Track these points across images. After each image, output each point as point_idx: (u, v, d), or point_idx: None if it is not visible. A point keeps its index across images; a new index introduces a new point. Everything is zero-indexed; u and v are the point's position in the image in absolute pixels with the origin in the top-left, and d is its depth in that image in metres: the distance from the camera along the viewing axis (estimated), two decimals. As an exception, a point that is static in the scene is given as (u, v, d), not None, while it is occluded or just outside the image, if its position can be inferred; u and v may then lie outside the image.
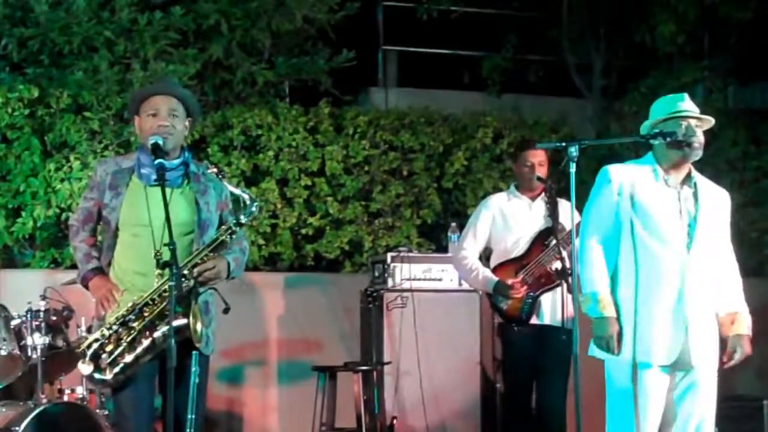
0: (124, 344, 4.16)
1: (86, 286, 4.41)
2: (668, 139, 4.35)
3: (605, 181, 4.45)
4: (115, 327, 4.18)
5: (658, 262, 4.36)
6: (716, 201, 4.51)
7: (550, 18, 9.41)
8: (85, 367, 4.19)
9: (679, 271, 4.34)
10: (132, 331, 4.17)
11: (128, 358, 4.17)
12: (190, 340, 4.16)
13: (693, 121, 4.41)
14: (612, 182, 4.43)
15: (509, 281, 5.75)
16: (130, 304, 4.20)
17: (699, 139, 4.41)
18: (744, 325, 4.47)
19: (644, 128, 4.53)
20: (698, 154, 4.41)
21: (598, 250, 4.41)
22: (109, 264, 4.39)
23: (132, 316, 4.18)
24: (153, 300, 4.19)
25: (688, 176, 4.47)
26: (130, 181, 4.35)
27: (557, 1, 9.26)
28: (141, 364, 4.19)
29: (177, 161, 4.33)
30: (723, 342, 4.50)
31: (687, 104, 4.47)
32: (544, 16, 9.46)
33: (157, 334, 4.16)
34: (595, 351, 4.45)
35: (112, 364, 4.16)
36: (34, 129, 7.13)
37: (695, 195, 4.44)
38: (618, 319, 4.38)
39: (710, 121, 4.47)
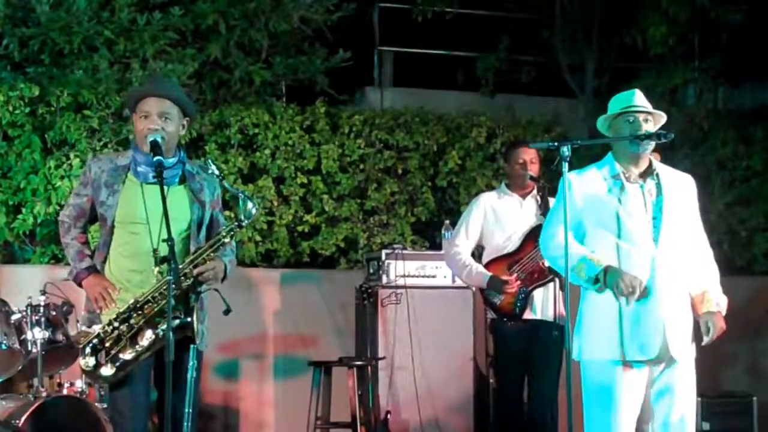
0: (125, 341, 4.20)
1: (79, 284, 4.41)
2: (663, 139, 4.38)
3: (566, 189, 4.43)
4: (116, 324, 4.21)
5: (627, 261, 4.37)
6: (681, 188, 4.52)
7: (543, 19, 9.44)
8: (86, 363, 4.23)
9: (649, 267, 4.36)
10: (132, 328, 4.20)
11: (129, 354, 4.20)
12: (187, 335, 4.20)
13: (641, 116, 4.45)
14: (572, 190, 4.44)
15: (504, 276, 5.82)
16: (131, 301, 4.22)
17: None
18: (712, 302, 4.46)
19: (599, 123, 4.58)
20: (645, 147, 4.42)
21: (560, 240, 4.39)
22: (104, 261, 4.40)
23: (132, 313, 4.21)
24: (153, 297, 4.21)
25: (649, 168, 4.50)
26: (126, 179, 4.37)
27: (550, 3, 9.29)
28: (140, 360, 4.23)
29: (173, 160, 4.36)
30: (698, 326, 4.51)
31: (638, 100, 4.50)
32: (537, 18, 9.51)
33: (158, 332, 4.19)
34: (582, 354, 4.46)
35: (113, 360, 4.19)
36: (35, 127, 7.17)
37: (658, 186, 4.46)
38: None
39: (662, 116, 4.51)
